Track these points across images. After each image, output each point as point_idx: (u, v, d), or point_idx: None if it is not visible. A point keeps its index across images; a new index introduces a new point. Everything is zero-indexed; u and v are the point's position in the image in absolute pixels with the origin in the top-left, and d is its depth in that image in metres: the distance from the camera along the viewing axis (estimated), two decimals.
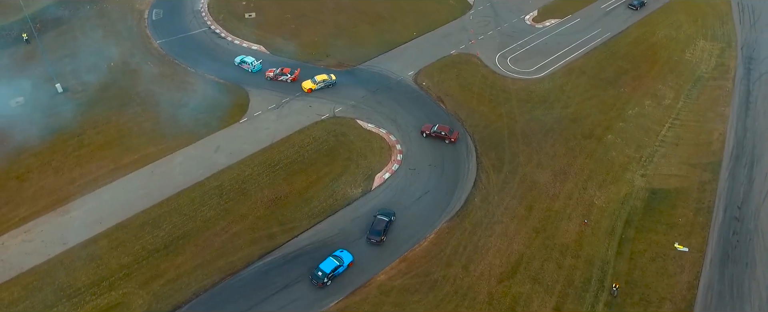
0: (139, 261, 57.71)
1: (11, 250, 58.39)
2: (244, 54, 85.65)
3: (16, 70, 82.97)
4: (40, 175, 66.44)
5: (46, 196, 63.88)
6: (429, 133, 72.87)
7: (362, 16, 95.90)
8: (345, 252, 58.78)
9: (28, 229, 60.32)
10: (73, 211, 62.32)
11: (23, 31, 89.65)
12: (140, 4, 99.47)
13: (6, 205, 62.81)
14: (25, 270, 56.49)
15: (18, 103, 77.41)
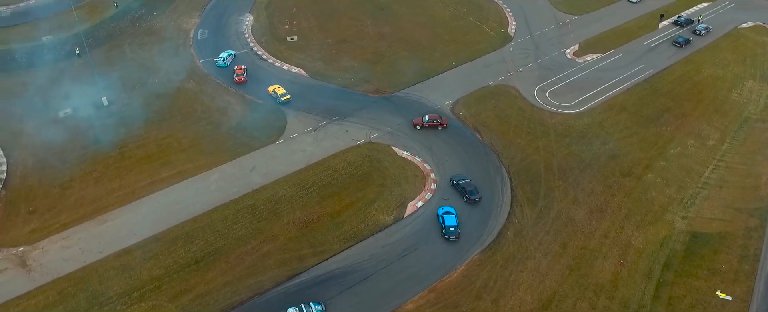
0: (170, 274, 58.26)
1: (50, 255, 59.79)
2: (288, 75, 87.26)
3: (67, 83, 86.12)
4: (82, 185, 68.21)
5: (86, 205, 65.45)
6: (422, 124, 77.22)
7: (402, 43, 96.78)
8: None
9: (67, 235, 61.79)
10: (110, 221, 63.60)
11: (76, 46, 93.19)
12: (187, 23, 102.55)
13: (48, 212, 64.62)
14: (62, 275, 57.71)
15: (66, 113, 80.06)
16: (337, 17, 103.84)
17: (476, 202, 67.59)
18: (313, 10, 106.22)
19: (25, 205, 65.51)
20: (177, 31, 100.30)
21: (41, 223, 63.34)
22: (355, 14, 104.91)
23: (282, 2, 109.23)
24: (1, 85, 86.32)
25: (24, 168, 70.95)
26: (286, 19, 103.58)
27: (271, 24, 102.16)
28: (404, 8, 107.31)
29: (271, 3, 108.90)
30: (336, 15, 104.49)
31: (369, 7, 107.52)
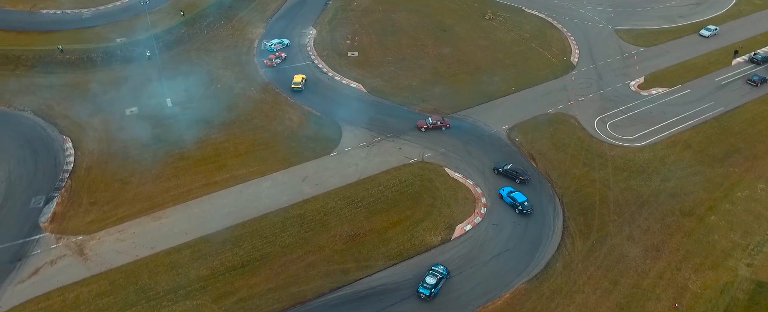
0: (216, 275, 59.21)
1: (105, 246, 61.96)
2: (346, 89, 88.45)
3: (136, 83, 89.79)
4: (141, 181, 70.56)
5: (143, 200, 67.61)
6: (427, 126, 79.74)
7: (462, 66, 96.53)
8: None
9: (123, 229, 63.91)
10: (164, 219, 65.42)
11: (147, 49, 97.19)
12: (251, 33, 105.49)
13: (108, 204, 67.09)
14: (114, 267, 59.64)
15: (132, 112, 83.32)
16: (399, 36, 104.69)
17: (527, 182, 71.52)
18: (376, 27, 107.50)
19: (87, 196, 68.22)
20: (242, 40, 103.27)
21: (100, 214, 65.80)
22: (416, 34, 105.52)
23: (345, 18, 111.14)
24: (76, 82, 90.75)
25: (89, 160, 73.98)
26: (348, 34, 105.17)
27: (333, 39, 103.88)
28: (466, 31, 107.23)
29: (335, 18, 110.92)
30: (397, 33, 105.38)
31: (431, 27, 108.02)
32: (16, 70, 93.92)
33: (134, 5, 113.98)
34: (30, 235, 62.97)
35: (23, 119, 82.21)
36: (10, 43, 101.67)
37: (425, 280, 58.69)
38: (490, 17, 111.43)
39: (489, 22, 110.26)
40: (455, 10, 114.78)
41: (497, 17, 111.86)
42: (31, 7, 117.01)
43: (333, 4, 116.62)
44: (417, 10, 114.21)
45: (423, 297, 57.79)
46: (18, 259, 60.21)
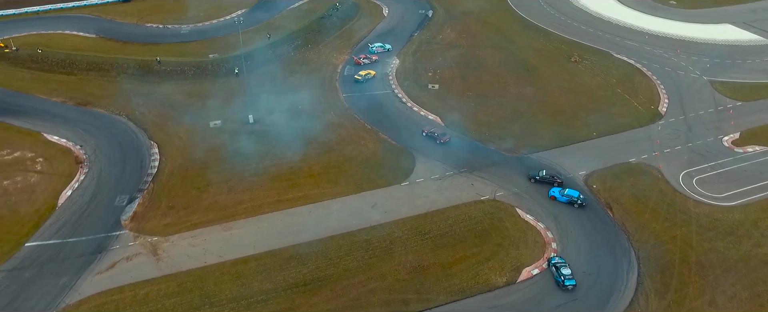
0: (278, 291, 59.74)
1: (177, 249, 64.14)
2: (424, 121, 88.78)
3: (222, 98, 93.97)
4: (217, 191, 73.02)
5: (217, 210, 69.79)
6: (427, 131, 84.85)
7: (543, 106, 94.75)
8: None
9: (195, 235, 66.05)
10: (234, 229, 67.11)
11: (236, 66, 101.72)
12: (336, 59, 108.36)
13: (184, 210, 69.78)
14: (183, 270, 61.48)
15: (215, 125, 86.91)
16: (481, 72, 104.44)
17: (563, 184, 75.50)
18: (459, 62, 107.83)
19: (166, 201, 71.30)
20: (326, 65, 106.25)
21: (176, 219, 68.45)
22: (499, 71, 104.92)
23: (429, 50, 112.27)
24: (169, 92, 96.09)
25: (172, 167, 77.58)
26: (431, 67, 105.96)
27: (415, 70, 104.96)
28: (551, 72, 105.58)
29: (419, 50, 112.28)
30: (480, 69, 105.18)
31: (515, 66, 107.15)
32: (117, 77, 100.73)
33: (229, 24, 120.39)
34: (111, 231, 66.43)
35: (118, 123, 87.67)
36: (116, 52, 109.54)
37: (562, 272, 61.73)
38: (576, 60, 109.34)
39: (574, 65, 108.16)
40: (541, 51, 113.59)
41: (583, 60, 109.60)
42: (139, 20, 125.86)
43: (418, 36, 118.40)
44: (502, 48, 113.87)
45: (571, 288, 61.18)
46: (99, 251, 63.56)
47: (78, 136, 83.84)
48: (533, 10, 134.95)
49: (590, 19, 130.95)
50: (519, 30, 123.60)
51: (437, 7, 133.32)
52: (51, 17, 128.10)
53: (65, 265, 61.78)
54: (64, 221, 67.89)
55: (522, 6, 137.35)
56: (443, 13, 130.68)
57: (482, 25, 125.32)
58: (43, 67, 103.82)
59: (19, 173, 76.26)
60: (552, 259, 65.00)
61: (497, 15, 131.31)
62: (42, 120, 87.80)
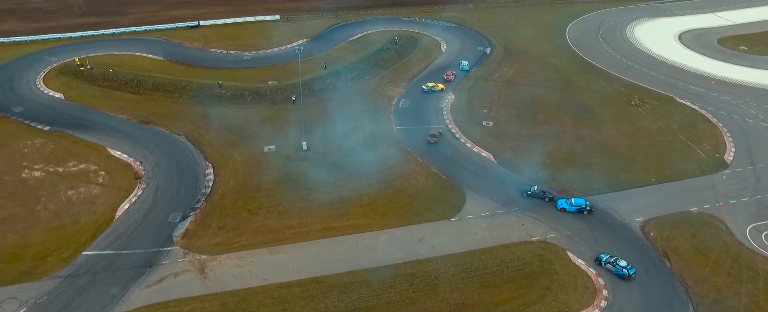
0: None
1: (224, 269, 64.99)
2: (476, 157, 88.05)
3: (278, 124, 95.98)
4: (267, 214, 73.93)
5: (266, 233, 70.52)
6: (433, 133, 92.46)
7: (599, 149, 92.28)
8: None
9: (243, 256, 66.77)
10: (281, 254, 67.51)
11: (293, 94, 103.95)
12: (392, 91, 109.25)
13: (233, 230, 70.88)
14: (228, 290, 62.08)
15: (270, 150, 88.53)
16: (537, 111, 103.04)
17: (555, 199, 78.32)
18: (515, 100, 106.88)
19: (217, 220, 72.63)
20: (381, 97, 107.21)
21: (225, 239, 69.51)
22: (556, 111, 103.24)
23: (485, 87, 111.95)
24: (227, 115, 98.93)
25: (225, 188, 79.27)
26: (486, 103, 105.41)
27: (470, 106, 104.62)
28: (609, 114, 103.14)
29: (475, 86, 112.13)
30: (536, 108, 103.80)
31: (572, 106, 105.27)
32: (180, 98, 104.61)
33: (289, 53, 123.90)
34: (163, 246, 68.15)
35: (177, 142, 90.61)
36: (180, 75, 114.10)
37: (620, 264, 66.34)
38: (637, 103, 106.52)
39: (635, 108, 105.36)
40: (600, 92, 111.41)
41: (644, 104, 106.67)
42: (204, 45, 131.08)
43: (476, 72, 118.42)
44: (560, 88, 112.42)
45: (634, 276, 65.77)
46: (149, 265, 65.16)
47: (139, 153, 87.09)
48: (593, 51, 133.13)
49: (653, 62, 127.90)
50: (578, 70, 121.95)
51: (496, 45, 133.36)
52: (124, 39, 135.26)
53: (117, 275, 63.53)
54: (119, 233, 70.15)
55: (582, 46, 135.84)
56: (501, 50, 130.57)
57: (540, 64, 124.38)
58: (112, 85, 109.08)
59: (83, 185, 79.54)
60: (601, 258, 68.36)
61: (556, 55, 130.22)
62: (107, 135, 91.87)
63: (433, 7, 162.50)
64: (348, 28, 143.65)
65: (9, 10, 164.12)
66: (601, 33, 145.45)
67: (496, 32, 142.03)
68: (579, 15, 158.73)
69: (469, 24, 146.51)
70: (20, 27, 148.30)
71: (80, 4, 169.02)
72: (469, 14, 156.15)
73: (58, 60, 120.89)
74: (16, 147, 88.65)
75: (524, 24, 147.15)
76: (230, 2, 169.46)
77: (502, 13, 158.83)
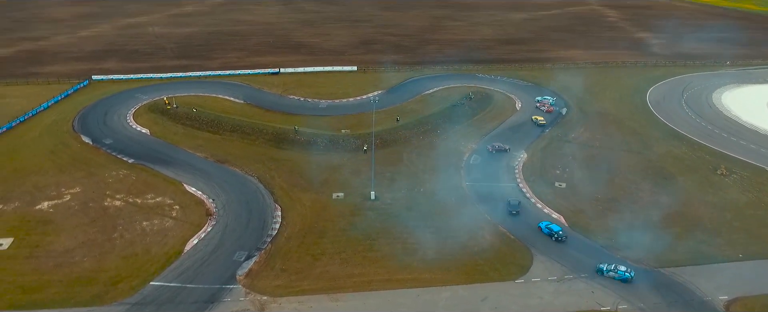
0: None
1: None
2: (546, 220, 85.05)
3: (348, 172, 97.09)
4: (330, 261, 73.76)
5: (327, 280, 70.15)
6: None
7: (680, 218, 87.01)
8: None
9: (303, 301, 66.45)
10: (341, 302, 66.71)
11: (365, 143, 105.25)
12: (464, 147, 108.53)
13: (296, 274, 71.01)
14: None
15: (338, 197, 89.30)
16: (613, 175, 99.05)
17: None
18: (590, 162, 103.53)
19: (281, 263, 73.11)
20: (453, 152, 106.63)
21: (287, 281, 69.65)
22: (633, 176, 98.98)
23: (559, 148, 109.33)
24: (300, 160, 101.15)
25: (291, 231, 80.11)
26: (559, 164, 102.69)
27: (542, 165, 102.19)
28: (691, 183, 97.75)
29: (549, 145, 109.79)
30: (612, 172, 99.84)
31: (651, 172, 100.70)
32: (256, 140, 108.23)
33: (364, 103, 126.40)
34: (226, 284, 69.04)
35: (249, 183, 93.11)
36: (258, 118, 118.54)
37: (620, 270, 71.76)
38: (723, 173, 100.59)
39: (721, 178, 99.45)
40: (682, 159, 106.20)
41: (731, 174, 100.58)
42: (283, 91, 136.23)
43: (550, 132, 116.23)
44: (638, 152, 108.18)
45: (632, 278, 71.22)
46: (211, 301, 65.98)
47: (212, 191, 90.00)
48: (675, 116, 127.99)
49: (742, 131, 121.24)
50: (658, 135, 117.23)
51: (572, 106, 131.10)
52: (209, 82, 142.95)
53: (180, 308, 64.70)
54: (186, 267, 71.86)
55: (663, 111, 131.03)
56: (578, 111, 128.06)
57: (618, 127, 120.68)
58: (194, 124, 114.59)
59: (158, 217, 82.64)
60: (601, 268, 73.30)
61: (635, 118, 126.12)
62: (185, 171, 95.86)
63: (509, 65, 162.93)
64: (423, 82, 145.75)
65: (112, 51, 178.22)
66: (684, 98, 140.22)
67: (573, 93, 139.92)
68: (660, 79, 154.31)
69: (545, 83, 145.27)
70: (119, 66, 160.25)
71: (173, 48, 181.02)
72: (545, 74, 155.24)
73: (148, 98, 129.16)
74: (103, 177, 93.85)
75: (602, 86, 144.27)
76: (310, 52, 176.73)
77: (580, 74, 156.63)
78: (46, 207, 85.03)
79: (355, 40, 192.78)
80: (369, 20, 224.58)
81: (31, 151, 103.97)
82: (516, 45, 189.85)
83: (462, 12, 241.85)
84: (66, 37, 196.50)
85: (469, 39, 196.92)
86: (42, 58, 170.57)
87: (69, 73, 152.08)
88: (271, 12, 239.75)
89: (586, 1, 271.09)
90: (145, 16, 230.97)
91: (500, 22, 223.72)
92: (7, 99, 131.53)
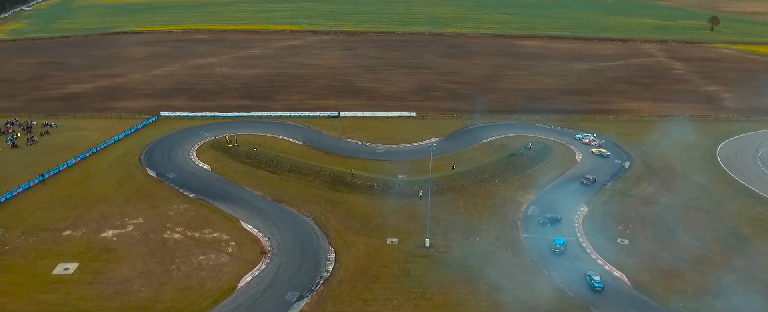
0: None
1: None
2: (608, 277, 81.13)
3: (403, 217, 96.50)
4: (381, 307, 72.63)
5: None
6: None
7: (756, 284, 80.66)
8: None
9: None
10: None
11: (421, 190, 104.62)
12: (521, 197, 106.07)
13: None
14: None
15: (392, 242, 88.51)
16: (680, 234, 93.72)
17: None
18: (655, 220, 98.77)
19: (332, 305, 72.47)
20: (510, 202, 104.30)
21: None
22: (703, 235, 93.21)
23: (622, 203, 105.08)
24: (355, 203, 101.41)
25: (344, 274, 79.58)
26: (622, 220, 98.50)
27: (604, 220, 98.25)
28: None
29: (610, 200, 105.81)
30: (680, 231, 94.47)
31: (722, 232, 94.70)
32: (313, 182, 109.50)
33: (421, 149, 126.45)
34: None
35: (304, 223, 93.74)
36: (316, 160, 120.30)
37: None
38: None
39: None
40: (757, 220, 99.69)
41: None
42: (341, 134, 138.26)
43: (612, 185, 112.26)
44: (708, 211, 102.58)
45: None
46: None
47: (268, 229, 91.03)
48: (750, 174, 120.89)
49: None
50: (730, 193, 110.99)
51: (635, 159, 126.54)
52: (271, 122, 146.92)
53: None
54: (238, 303, 72.27)
55: (736, 167, 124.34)
56: (642, 165, 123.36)
57: (685, 182, 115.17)
58: (253, 163, 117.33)
59: (214, 252, 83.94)
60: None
61: (705, 174, 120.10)
62: (242, 208, 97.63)
63: (570, 115, 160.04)
64: (481, 131, 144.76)
65: (181, 89, 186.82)
66: (760, 155, 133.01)
67: (637, 145, 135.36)
68: (733, 134, 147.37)
69: (607, 135, 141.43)
70: (186, 104, 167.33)
71: (238, 89, 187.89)
72: (608, 125, 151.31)
73: (211, 135, 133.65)
74: (164, 209, 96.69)
75: (669, 139, 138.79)
76: (370, 97, 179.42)
77: (645, 126, 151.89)
78: (111, 235, 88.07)
79: (415, 87, 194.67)
80: (429, 67, 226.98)
81: (100, 181, 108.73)
82: (578, 95, 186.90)
83: (523, 61, 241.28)
84: (140, 75, 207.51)
85: (529, 88, 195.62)
86: (117, 94, 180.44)
87: (140, 109, 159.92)
88: (334, 57, 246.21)
89: (651, 53, 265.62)
90: (214, 57, 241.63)
91: (562, 72, 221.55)
92: (83, 131, 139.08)
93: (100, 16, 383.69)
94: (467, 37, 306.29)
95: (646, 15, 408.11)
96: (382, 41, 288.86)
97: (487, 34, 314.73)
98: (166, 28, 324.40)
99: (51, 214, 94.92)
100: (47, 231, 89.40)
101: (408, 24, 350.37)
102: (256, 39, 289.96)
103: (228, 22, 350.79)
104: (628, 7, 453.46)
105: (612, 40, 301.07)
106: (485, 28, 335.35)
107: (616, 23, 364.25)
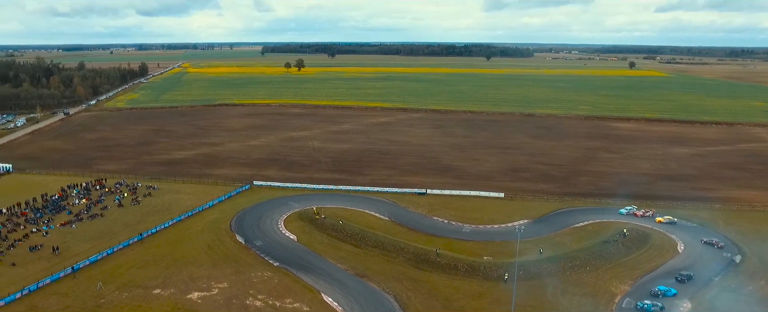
0: None
1: None
2: None
3: (487, 301, 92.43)
4: None
5: None
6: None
7: None
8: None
9: None
10: None
11: (507, 272, 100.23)
12: (615, 288, 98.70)
13: None
14: None
15: None
16: None
17: None
18: None
19: None
20: (602, 292, 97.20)
21: None
22: None
23: (732, 301, 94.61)
24: (438, 283, 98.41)
25: None
26: None
27: None
28: None
29: (718, 297, 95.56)
30: None
31: None
32: (396, 258, 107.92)
33: (508, 231, 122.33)
34: None
35: (385, 300, 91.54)
36: (401, 236, 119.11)
37: None
38: None
39: None
40: None
41: None
42: (427, 212, 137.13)
43: (719, 281, 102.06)
44: None
45: None
46: None
47: (348, 303, 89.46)
48: None
49: None
50: None
51: (749, 254, 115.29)
52: (358, 197, 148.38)
53: None
54: None
55: None
56: (756, 260, 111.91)
57: None
58: (338, 236, 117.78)
59: None
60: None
61: None
62: (324, 281, 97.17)
63: (671, 202, 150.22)
64: (573, 215, 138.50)
65: (274, 159, 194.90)
66: None
67: (750, 238, 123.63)
68: None
69: (714, 225, 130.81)
70: (278, 174, 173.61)
71: (328, 162, 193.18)
72: (715, 214, 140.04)
73: (300, 206, 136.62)
74: (248, 276, 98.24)
75: None
76: (458, 176, 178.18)
77: (758, 217, 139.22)
78: (196, 297, 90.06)
79: (504, 167, 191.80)
80: (519, 147, 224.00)
81: (192, 243, 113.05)
82: (678, 182, 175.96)
83: (618, 144, 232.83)
84: (238, 144, 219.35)
85: (624, 172, 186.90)
86: (215, 162, 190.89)
87: (235, 177, 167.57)
88: (423, 134, 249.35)
89: (762, 138, 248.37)
90: (306, 131, 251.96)
91: (660, 156, 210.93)
92: (182, 195, 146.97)
93: (206, 89, 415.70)
94: (559, 118, 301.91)
95: (756, 98, 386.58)
96: (471, 120, 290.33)
97: (580, 115, 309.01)
98: (265, 102, 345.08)
99: (144, 272, 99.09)
100: (139, 288, 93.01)
101: (498, 104, 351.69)
102: (347, 114, 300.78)
103: (322, 97, 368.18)
104: (733, 90, 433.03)
105: (716, 123, 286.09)
106: (578, 109, 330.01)
107: (720, 106, 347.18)
